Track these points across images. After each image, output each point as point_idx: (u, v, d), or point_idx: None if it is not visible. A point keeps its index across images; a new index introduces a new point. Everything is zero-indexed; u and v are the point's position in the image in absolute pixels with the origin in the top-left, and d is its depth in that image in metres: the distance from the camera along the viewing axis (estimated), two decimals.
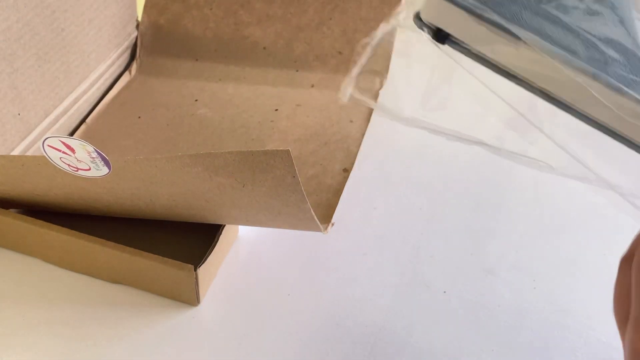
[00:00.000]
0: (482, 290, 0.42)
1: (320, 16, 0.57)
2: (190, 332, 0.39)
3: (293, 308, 0.40)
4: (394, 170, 0.51)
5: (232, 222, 0.41)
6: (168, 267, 0.38)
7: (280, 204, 0.35)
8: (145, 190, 0.36)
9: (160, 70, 0.59)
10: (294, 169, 0.31)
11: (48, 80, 0.49)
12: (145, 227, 0.42)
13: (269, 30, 0.58)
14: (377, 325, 0.39)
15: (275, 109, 0.54)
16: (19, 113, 0.46)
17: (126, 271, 0.40)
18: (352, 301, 0.41)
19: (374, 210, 0.47)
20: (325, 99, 0.55)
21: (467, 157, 0.52)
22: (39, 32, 0.47)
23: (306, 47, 0.57)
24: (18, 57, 0.45)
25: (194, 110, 0.55)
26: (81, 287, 0.41)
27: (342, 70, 0.57)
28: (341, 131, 0.51)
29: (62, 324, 0.39)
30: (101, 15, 0.54)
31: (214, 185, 0.34)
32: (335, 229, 0.44)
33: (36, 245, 0.41)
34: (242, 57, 0.58)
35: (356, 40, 0.57)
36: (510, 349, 0.39)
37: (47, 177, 0.37)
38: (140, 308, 0.40)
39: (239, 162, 0.31)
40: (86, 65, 0.54)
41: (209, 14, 0.58)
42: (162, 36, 0.59)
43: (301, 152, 0.49)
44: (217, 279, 0.42)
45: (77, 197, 0.39)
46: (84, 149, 0.33)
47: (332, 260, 0.44)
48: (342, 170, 0.47)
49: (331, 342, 0.39)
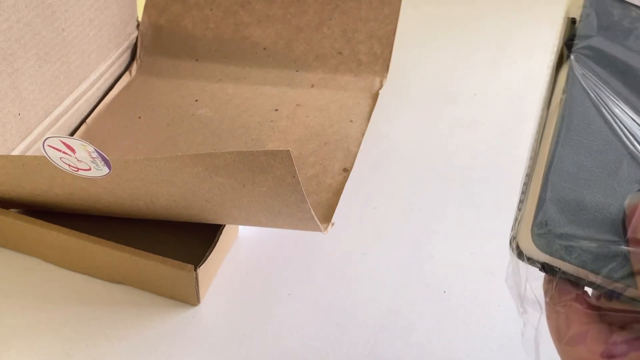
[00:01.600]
0: (482, 290, 0.42)
1: (320, 16, 0.57)
2: (190, 332, 0.39)
3: (293, 308, 0.40)
4: (394, 170, 0.51)
5: (232, 222, 0.41)
6: (168, 267, 0.38)
7: (280, 204, 0.35)
8: (145, 190, 0.36)
9: (160, 70, 0.59)
10: (294, 169, 0.31)
11: (48, 80, 0.49)
12: (145, 227, 0.42)
13: (269, 30, 0.58)
14: (377, 325, 0.39)
15: (275, 109, 0.54)
16: (19, 113, 0.46)
17: (126, 271, 0.40)
18: (352, 301, 0.41)
19: (374, 210, 0.47)
20: (325, 99, 0.55)
21: (467, 157, 0.52)
22: (40, 32, 0.47)
23: (306, 47, 0.57)
24: (19, 57, 0.45)
25: (194, 110, 0.55)
26: (81, 287, 0.41)
27: (342, 70, 0.57)
28: (341, 131, 0.51)
29: (62, 324, 0.39)
30: (101, 15, 0.54)
31: (214, 185, 0.34)
32: (335, 229, 0.44)
33: (36, 245, 0.41)
34: (242, 58, 0.58)
35: (356, 40, 0.57)
36: (510, 349, 0.39)
37: (48, 177, 0.37)
38: (140, 308, 0.40)
39: (239, 162, 0.31)
40: (86, 65, 0.54)
41: (209, 14, 0.58)
42: (163, 36, 0.59)
43: (301, 152, 0.49)
44: (217, 279, 0.42)
45: (78, 197, 0.39)
46: (85, 149, 0.33)
47: (332, 260, 0.44)
48: (342, 170, 0.47)
49: (331, 342, 0.39)
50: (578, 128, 0.26)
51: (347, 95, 0.55)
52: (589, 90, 0.27)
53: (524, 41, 0.67)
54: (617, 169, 0.26)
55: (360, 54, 0.57)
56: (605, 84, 0.27)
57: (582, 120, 0.27)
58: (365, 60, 0.57)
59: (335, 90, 0.56)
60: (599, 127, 0.26)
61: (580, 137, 0.26)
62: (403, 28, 0.58)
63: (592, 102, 0.27)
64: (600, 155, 0.26)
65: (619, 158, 0.26)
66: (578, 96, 0.27)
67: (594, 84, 0.27)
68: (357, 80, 0.56)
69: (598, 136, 0.26)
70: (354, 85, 0.56)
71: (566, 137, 0.26)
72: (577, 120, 0.26)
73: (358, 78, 0.56)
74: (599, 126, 0.27)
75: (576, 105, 0.27)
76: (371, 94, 0.55)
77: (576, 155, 0.26)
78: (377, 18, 0.56)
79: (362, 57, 0.57)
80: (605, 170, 0.26)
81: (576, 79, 0.27)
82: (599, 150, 0.26)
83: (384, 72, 0.56)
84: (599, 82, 0.27)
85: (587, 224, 0.24)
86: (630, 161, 0.26)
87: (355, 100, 0.55)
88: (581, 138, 0.26)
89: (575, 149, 0.26)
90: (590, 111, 0.27)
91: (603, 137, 0.26)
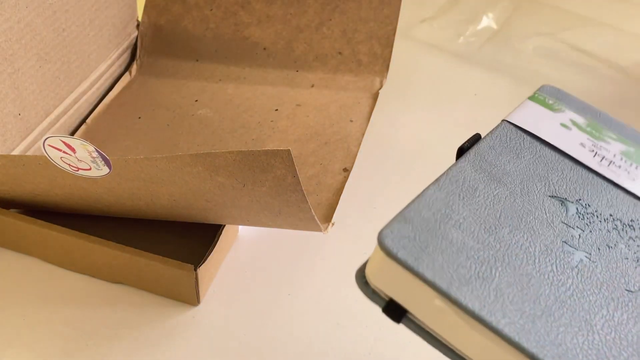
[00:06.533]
0: None
1: (320, 17, 0.57)
2: (190, 332, 0.39)
3: (293, 308, 0.40)
4: (394, 170, 0.51)
5: (232, 222, 0.41)
6: (168, 267, 0.38)
7: (280, 204, 0.35)
8: (145, 190, 0.36)
9: (160, 70, 0.59)
10: (294, 169, 0.31)
11: (49, 81, 0.49)
12: (145, 227, 0.42)
13: (269, 30, 0.58)
14: (377, 325, 0.39)
15: (275, 109, 0.54)
16: (19, 113, 0.46)
17: (126, 271, 0.40)
18: (352, 301, 0.41)
19: (374, 210, 0.47)
20: (325, 99, 0.55)
21: None
22: (40, 33, 0.47)
23: (306, 48, 0.57)
24: (19, 57, 0.45)
25: (194, 110, 0.55)
26: (81, 287, 0.41)
27: (342, 70, 0.57)
28: (341, 131, 0.51)
29: (62, 324, 0.39)
30: (102, 15, 0.54)
31: (214, 185, 0.34)
32: (335, 229, 0.44)
33: (36, 245, 0.41)
34: (242, 58, 0.58)
35: (356, 40, 0.57)
36: None
37: (48, 177, 0.37)
38: (140, 308, 0.40)
39: (240, 161, 0.31)
40: (86, 65, 0.54)
41: (209, 14, 0.58)
42: (163, 37, 0.59)
43: (301, 152, 0.49)
44: (217, 279, 0.42)
45: (78, 197, 0.39)
46: (85, 149, 0.33)
47: (332, 260, 0.44)
48: (342, 170, 0.47)
49: (331, 342, 0.39)
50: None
51: (347, 95, 0.55)
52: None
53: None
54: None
55: (360, 54, 0.57)
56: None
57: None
58: (365, 60, 0.57)
59: (336, 90, 0.56)
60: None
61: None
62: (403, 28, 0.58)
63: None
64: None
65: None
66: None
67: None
68: (357, 80, 0.56)
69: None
70: (354, 85, 0.56)
71: None
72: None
73: (358, 78, 0.56)
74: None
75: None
76: (371, 94, 0.55)
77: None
78: (377, 18, 0.56)
79: (362, 57, 0.57)
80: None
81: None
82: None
83: (384, 72, 0.56)
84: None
85: None
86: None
87: (355, 100, 0.55)
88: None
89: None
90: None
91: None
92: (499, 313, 0.23)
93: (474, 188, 0.29)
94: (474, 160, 0.30)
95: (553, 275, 0.25)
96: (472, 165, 0.30)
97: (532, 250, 0.26)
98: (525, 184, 0.30)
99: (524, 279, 0.25)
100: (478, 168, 0.30)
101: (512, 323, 0.23)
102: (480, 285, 0.24)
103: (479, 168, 0.30)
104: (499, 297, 0.24)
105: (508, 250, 0.26)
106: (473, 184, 0.29)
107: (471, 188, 0.29)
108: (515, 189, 0.29)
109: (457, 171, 0.30)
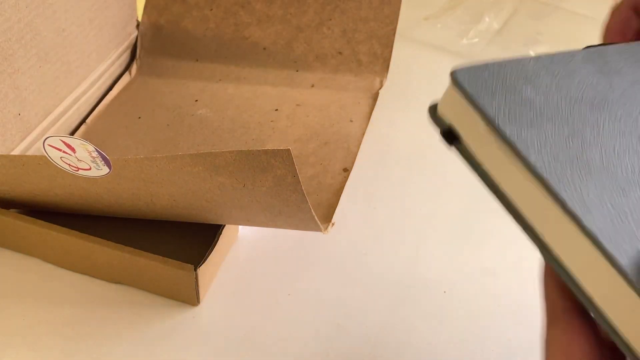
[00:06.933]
0: (482, 290, 0.42)
1: (320, 16, 0.57)
2: (190, 332, 0.39)
3: (293, 308, 0.40)
4: (394, 170, 0.51)
5: (232, 222, 0.41)
6: (168, 267, 0.38)
7: (280, 204, 0.35)
8: (145, 190, 0.36)
9: (160, 70, 0.59)
10: (294, 169, 0.31)
11: (49, 80, 0.49)
12: (145, 227, 0.42)
13: (269, 30, 0.58)
14: (378, 325, 0.39)
15: (275, 109, 0.54)
16: (19, 113, 0.46)
17: (126, 271, 0.40)
18: (352, 301, 0.41)
19: (374, 210, 0.47)
20: (325, 99, 0.55)
21: None
22: (40, 32, 0.47)
23: (306, 47, 0.57)
24: (19, 57, 0.45)
25: (194, 110, 0.55)
26: (81, 287, 0.41)
27: (342, 70, 0.57)
28: (341, 131, 0.51)
29: (62, 324, 0.39)
30: (102, 15, 0.54)
31: (214, 185, 0.34)
32: (335, 229, 0.44)
33: (36, 245, 0.41)
34: (242, 58, 0.58)
35: (356, 40, 0.57)
36: (510, 349, 0.39)
37: (48, 177, 0.37)
38: (140, 308, 0.40)
39: (239, 161, 0.31)
40: (86, 65, 0.54)
41: (209, 14, 0.58)
42: (163, 37, 0.59)
43: (301, 152, 0.49)
44: (217, 279, 0.42)
45: (78, 197, 0.39)
46: (85, 149, 0.33)
47: (332, 260, 0.44)
48: (342, 170, 0.47)
49: (332, 342, 0.39)
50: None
51: (347, 95, 0.55)
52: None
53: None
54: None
55: (360, 54, 0.57)
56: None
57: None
58: (365, 60, 0.57)
59: (335, 90, 0.56)
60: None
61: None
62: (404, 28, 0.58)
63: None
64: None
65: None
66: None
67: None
68: (357, 80, 0.56)
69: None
70: (354, 85, 0.56)
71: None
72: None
73: (358, 78, 0.56)
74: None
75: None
76: (371, 94, 0.55)
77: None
78: (377, 18, 0.56)
79: (362, 57, 0.57)
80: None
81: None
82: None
83: (384, 72, 0.56)
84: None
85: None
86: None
87: (355, 100, 0.55)
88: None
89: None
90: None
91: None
92: (534, 153, 0.22)
93: (572, 71, 0.26)
94: (590, 52, 0.27)
95: (615, 159, 0.23)
96: (585, 56, 0.27)
97: (605, 131, 0.24)
98: (633, 89, 0.26)
99: (584, 146, 0.23)
100: (589, 60, 0.27)
101: (544, 163, 0.22)
102: (530, 131, 0.23)
103: (590, 60, 0.27)
104: (543, 145, 0.23)
105: (581, 121, 0.24)
106: (574, 69, 0.26)
107: (570, 71, 0.26)
108: (618, 87, 0.26)
109: (565, 55, 0.27)
